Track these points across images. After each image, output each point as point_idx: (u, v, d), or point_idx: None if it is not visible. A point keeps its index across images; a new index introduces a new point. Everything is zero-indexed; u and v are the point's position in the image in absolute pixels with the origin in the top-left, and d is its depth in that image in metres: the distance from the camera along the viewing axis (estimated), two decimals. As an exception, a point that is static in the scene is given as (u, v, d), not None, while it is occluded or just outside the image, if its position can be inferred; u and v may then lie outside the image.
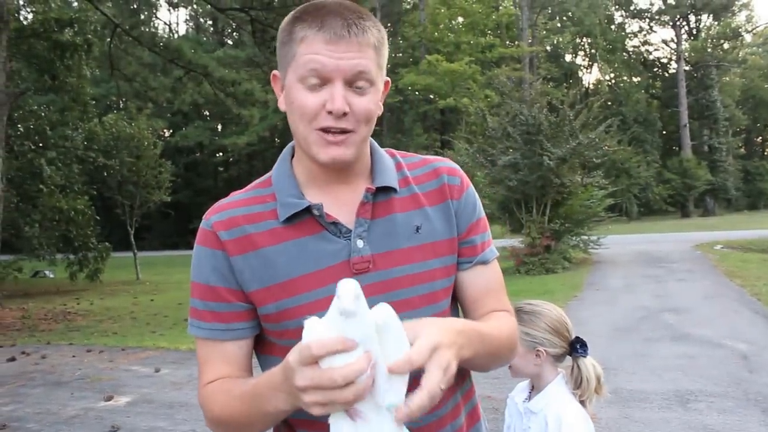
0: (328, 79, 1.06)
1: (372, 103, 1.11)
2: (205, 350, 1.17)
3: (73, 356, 8.00)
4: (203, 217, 1.19)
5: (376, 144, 1.25)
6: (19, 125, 15.53)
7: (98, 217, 17.56)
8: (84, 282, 17.08)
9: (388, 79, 1.19)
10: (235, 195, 1.22)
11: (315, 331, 0.87)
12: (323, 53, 1.06)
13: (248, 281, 1.13)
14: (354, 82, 1.07)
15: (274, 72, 1.18)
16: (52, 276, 20.12)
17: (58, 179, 16.22)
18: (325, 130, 1.09)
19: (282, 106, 1.16)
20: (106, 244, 17.25)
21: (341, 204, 1.17)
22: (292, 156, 1.23)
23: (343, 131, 1.09)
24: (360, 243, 1.14)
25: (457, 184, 1.24)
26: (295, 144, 1.21)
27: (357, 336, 0.86)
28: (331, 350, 0.85)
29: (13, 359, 7.88)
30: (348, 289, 0.86)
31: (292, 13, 1.14)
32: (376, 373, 0.88)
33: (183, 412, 5.43)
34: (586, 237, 15.53)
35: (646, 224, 32.83)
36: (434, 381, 0.90)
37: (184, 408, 5.51)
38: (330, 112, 1.07)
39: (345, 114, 1.07)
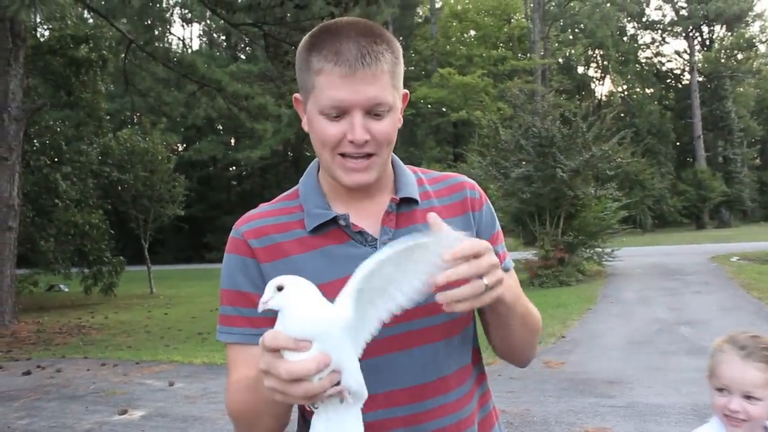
0: (347, 110, 1.11)
1: (390, 126, 1.16)
2: (234, 355, 1.19)
3: (88, 370, 8.02)
4: (233, 227, 1.24)
5: (398, 159, 1.31)
6: (35, 140, 15.71)
7: (112, 231, 17.66)
8: (98, 296, 17.16)
9: (407, 91, 1.24)
10: (264, 206, 1.27)
11: (287, 319, 0.90)
12: (341, 87, 1.10)
13: None
14: (372, 110, 1.12)
15: (296, 95, 1.23)
16: (66, 290, 20.21)
17: (73, 194, 16.35)
18: (347, 155, 1.14)
19: (305, 127, 1.21)
20: (121, 258, 17.34)
21: (366, 215, 1.21)
22: (318, 170, 1.28)
23: (367, 156, 1.14)
24: None
25: (477, 197, 1.30)
26: (318, 160, 1.26)
27: (300, 331, 0.88)
28: (280, 346, 0.88)
29: (28, 373, 7.91)
30: (269, 284, 0.91)
31: (307, 37, 1.17)
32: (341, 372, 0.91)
33: (197, 425, 5.43)
34: (600, 249, 15.43)
35: (661, 236, 32.58)
36: (481, 263, 0.97)
37: (198, 422, 5.51)
38: (352, 142, 1.12)
39: (366, 141, 1.12)
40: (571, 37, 47.55)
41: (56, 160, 16.28)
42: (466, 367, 1.25)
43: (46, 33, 18.33)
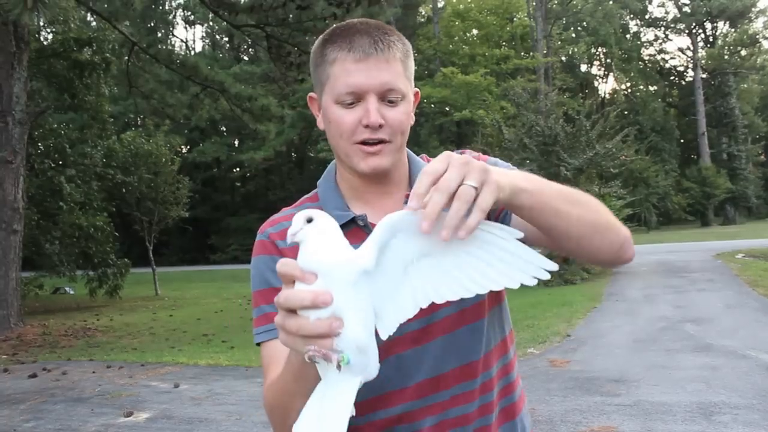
0: (362, 95, 1.14)
1: (404, 114, 1.18)
2: (271, 352, 1.16)
3: (93, 372, 8.04)
4: (258, 231, 1.26)
5: (412, 153, 1.32)
6: (39, 143, 15.74)
7: (117, 234, 17.69)
8: (103, 298, 17.20)
9: (418, 90, 1.26)
10: (286, 210, 1.30)
11: (303, 251, 0.87)
12: (354, 72, 1.13)
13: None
14: (386, 95, 1.14)
15: (311, 94, 1.26)
16: (72, 292, 20.25)
17: (78, 196, 16.38)
18: (364, 143, 1.15)
19: (321, 125, 1.23)
20: (125, 260, 17.37)
21: (384, 213, 1.19)
22: (336, 172, 1.29)
23: (381, 141, 1.15)
24: None
25: None
26: (336, 161, 1.28)
27: (308, 263, 0.85)
28: (288, 272, 0.86)
29: (34, 375, 7.93)
30: (298, 215, 0.88)
31: (322, 36, 1.21)
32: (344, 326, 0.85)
33: (202, 427, 5.44)
34: (604, 247, 15.39)
35: (666, 234, 32.52)
36: (452, 173, 0.87)
37: (203, 423, 5.52)
38: (367, 126, 1.14)
39: (381, 126, 1.14)
40: (573, 35, 47.47)
41: (60, 162, 16.32)
42: (494, 350, 1.24)
43: (50, 36, 18.39)
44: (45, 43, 16.91)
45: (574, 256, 1.18)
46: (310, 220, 0.87)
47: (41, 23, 16.70)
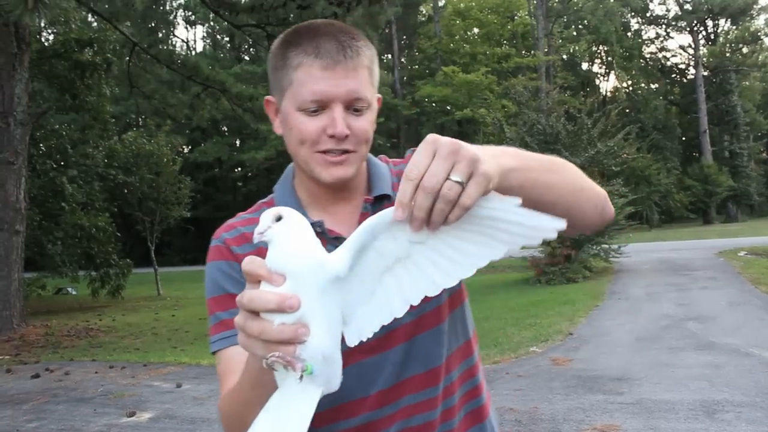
0: (327, 104, 1.08)
1: (369, 123, 1.14)
2: (227, 361, 1.11)
3: (96, 372, 8.05)
4: (213, 237, 1.21)
5: (371, 155, 1.26)
6: (41, 144, 15.76)
7: (119, 234, 17.71)
8: (106, 298, 17.22)
9: (380, 95, 1.21)
10: (242, 215, 1.25)
11: (271, 251, 0.81)
12: (321, 79, 1.07)
13: None
14: (352, 104, 1.10)
15: (267, 97, 1.19)
16: (74, 293, 20.27)
17: (80, 197, 16.41)
18: (327, 152, 1.11)
19: (278, 130, 1.18)
20: (128, 260, 17.39)
21: (342, 219, 1.18)
22: (293, 176, 1.25)
23: (345, 152, 1.11)
24: None
25: None
26: (294, 165, 1.23)
27: (276, 263, 0.79)
28: (254, 271, 0.80)
29: (37, 376, 7.94)
30: (266, 214, 0.82)
31: (282, 36, 1.15)
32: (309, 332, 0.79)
33: (205, 427, 5.44)
34: (606, 246, 15.38)
35: (668, 232, 32.48)
36: (437, 167, 0.80)
37: (206, 423, 5.52)
38: (332, 136, 1.09)
39: (346, 136, 1.09)
40: (574, 33, 47.46)
41: (62, 163, 16.34)
42: (456, 353, 1.21)
43: (51, 37, 18.40)
44: (46, 43, 16.91)
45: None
46: (279, 218, 0.82)
47: (42, 24, 16.73)
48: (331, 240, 1.14)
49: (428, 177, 0.80)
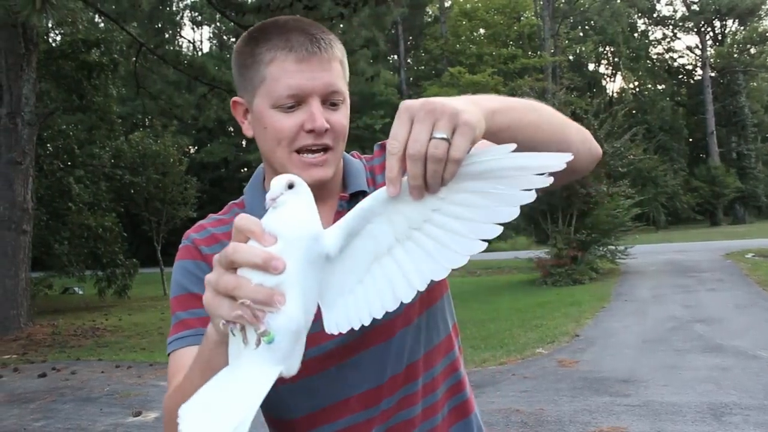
0: (304, 98, 1.05)
1: (345, 118, 1.11)
2: (180, 361, 1.04)
3: (102, 372, 8.07)
4: (183, 237, 1.18)
5: (344, 153, 1.23)
6: (48, 144, 15.81)
7: (125, 234, 17.75)
8: (112, 298, 17.26)
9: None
10: (212, 216, 1.22)
11: (272, 212, 0.78)
12: (296, 73, 1.04)
13: None
14: (329, 98, 1.07)
15: (235, 99, 1.15)
16: (81, 292, 20.33)
17: (87, 197, 16.46)
18: (304, 151, 1.07)
19: (248, 132, 1.14)
20: (134, 260, 17.43)
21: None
22: (264, 177, 1.22)
23: (324, 148, 1.07)
24: None
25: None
26: (265, 166, 1.20)
27: (273, 225, 0.76)
28: (246, 226, 0.76)
29: (44, 375, 7.97)
30: (280, 179, 0.79)
31: (247, 33, 1.11)
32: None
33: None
34: (613, 247, 15.35)
35: (675, 233, 32.37)
36: (419, 130, 0.77)
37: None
38: (310, 131, 1.05)
39: (326, 131, 1.06)
40: (581, 34, 47.36)
41: (69, 163, 16.40)
42: (437, 347, 1.17)
43: (58, 38, 18.47)
44: (53, 44, 16.98)
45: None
46: (291, 186, 0.79)
47: (50, 25, 16.77)
48: None
49: (411, 144, 0.78)
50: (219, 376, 0.77)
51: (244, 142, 38.59)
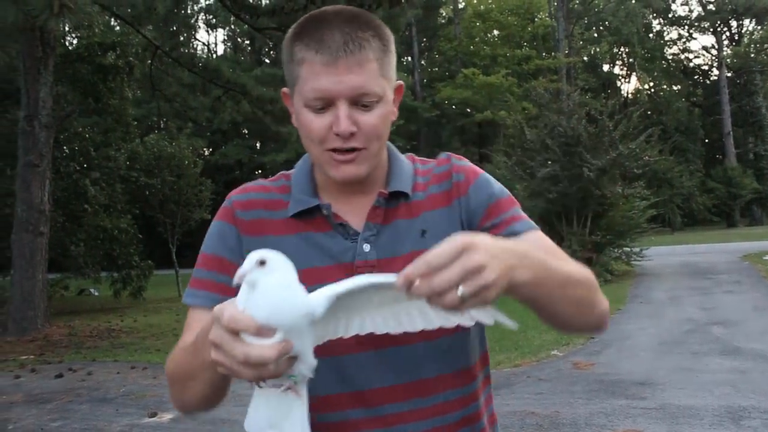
0: (331, 101, 1.06)
1: (379, 118, 1.09)
2: (192, 318, 1.14)
3: (118, 373, 8.12)
4: (227, 196, 1.22)
5: (395, 150, 1.24)
6: (64, 147, 15.94)
7: (141, 236, 17.84)
8: (127, 299, 17.36)
9: (401, 82, 1.19)
10: (261, 180, 1.25)
11: (258, 299, 0.83)
12: (323, 76, 1.05)
13: None
14: (358, 100, 1.06)
15: (284, 90, 1.18)
16: (96, 294, 20.46)
17: (102, 199, 16.56)
18: (335, 150, 1.09)
19: (294, 122, 1.17)
20: (149, 261, 17.51)
21: (353, 208, 1.16)
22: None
23: (353, 150, 1.08)
24: (366, 247, 1.13)
25: (462, 180, 1.19)
26: None
27: (267, 318, 0.81)
28: (240, 330, 0.81)
29: (60, 375, 8.03)
30: (251, 256, 0.84)
31: (292, 27, 1.13)
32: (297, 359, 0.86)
33: (226, 428, 5.46)
34: (628, 249, 15.25)
35: (691, 235, 32.10)
36: (450, 276, 0.82)
37: (226, 424, 5.54)
38: (338, 135, 1.07)
39: (353, 134, 1.07)
40: (595, 34, 47.11)
41: (85, 166, 16.51)
42: (455, 373, 1.15)
43: (75, 41, 18.65)
44: (70, 48, 17.12)
45: (553, 326, 1.13)
46: (262, 263, 0.83)
47: (67, 29, 16.93)
48: (336, 225, 1.14)
49: (438, 281, 0.82)
50: (261, 398, 0.92)
51: (258, 144, 38.76)
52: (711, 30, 45.96)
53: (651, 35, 47.86)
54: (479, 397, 1.19)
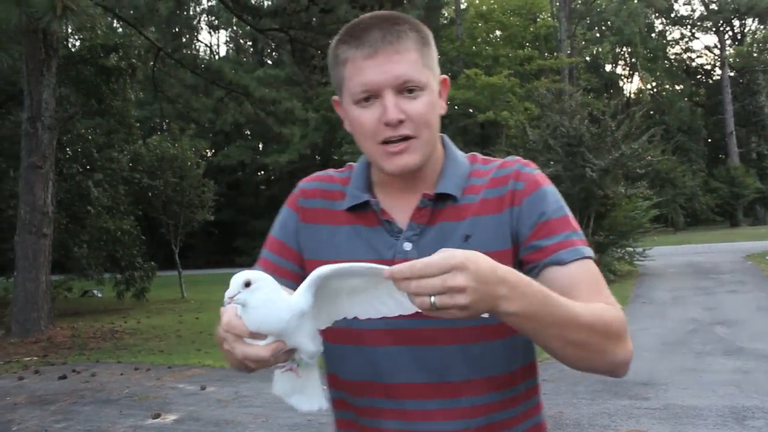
0: (378, 92, 1.10)
1: (426, 105, 1.13)
2: None
3: (121, 374, 8.13)
4: (298, 183, 1.31)
5: (453, 148, 1.26)
6: (67, 148, 15.95)
7: (144, 237, 17.85)
8: (131, 301, 17.37)
9: (446, 76, 1.22)
10: (330, 171, 1.31)
11: (249, 315, 0.93)
12: (366, 69, 1.10)
13: (306, 249, 1.23)
14: (403, 88, 1.10)
15: (334, 98, 1.22)
16: (100, 295, 20.49)
17: (105, 200, 16.58)
18: (387, 142, 1.12)
19: (348, 128, 1.20)
20: (152, 263, 17.52)
21: (402, 206, 1.19)
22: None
23: (405, 138, 1.11)
24: (407, 246, 1.15)
25: (520, 188, 1.17)
26: None
27: (257, 327, 0.92)
28: (236, 334, 0.93)
29: (64, 377, 8.04)
30: (235, 278, 0.94)
31: (337, 36, 1.18)
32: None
33: (229, 429, 5.46)
34: (631, 249, 15.23)
35: (694, 235, 32.05)
36: (431, 285, 0.85)
37: (230, 426, 5.54)
38: (387, 124, 1.10)
39: (401, 122, 1.10)
40: (598, 35, 47.05)
41: (88, 167, 16.53)
42: (487, 379, 1.14)
43: (77, 43, 18.66)
44: (73, 49, 17.15)
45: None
46: (248, 284, 0.92)
47: (70, 30, 16.95)
48: (384, 222, 1.18)
49: (419, 286, 0.86)
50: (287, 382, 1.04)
51: (260, 146, 38.78)
52: (713, 29, 45.88)
53: (653, 35, 47.78)
54: (515, 406, 1.19)
